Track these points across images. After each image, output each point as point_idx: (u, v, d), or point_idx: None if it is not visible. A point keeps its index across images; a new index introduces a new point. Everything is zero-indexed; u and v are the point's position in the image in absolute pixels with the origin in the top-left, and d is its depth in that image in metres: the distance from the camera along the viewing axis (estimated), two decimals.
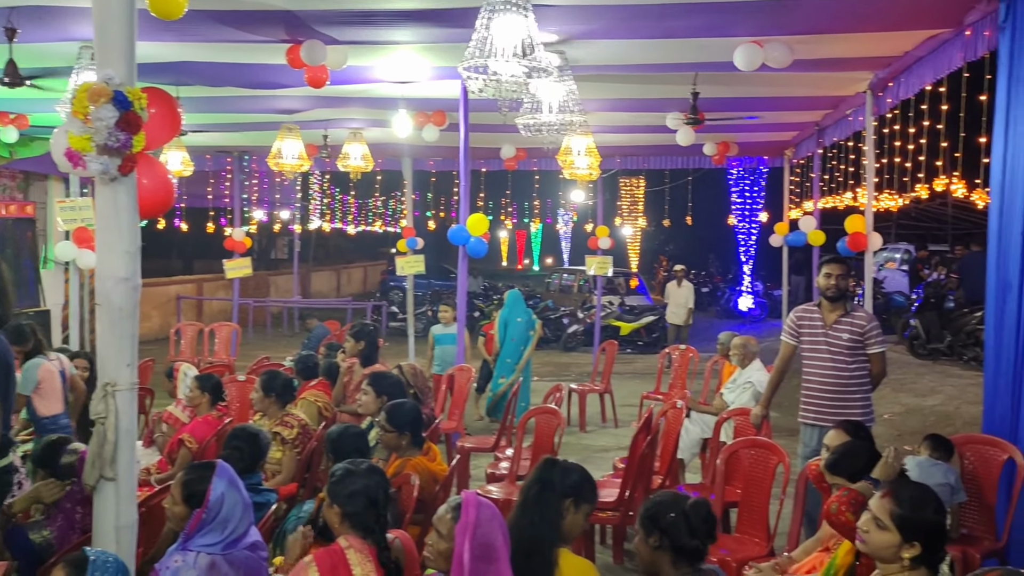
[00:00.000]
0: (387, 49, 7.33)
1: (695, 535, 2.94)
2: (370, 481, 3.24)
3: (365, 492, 3.20)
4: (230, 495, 3.29)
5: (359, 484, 3.24)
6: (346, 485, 3.25)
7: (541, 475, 3.28)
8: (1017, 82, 5.08)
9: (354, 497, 3.21)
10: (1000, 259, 5.16)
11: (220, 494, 3.27)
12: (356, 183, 16.79)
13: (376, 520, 3.19)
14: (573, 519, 3.25)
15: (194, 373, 6.84)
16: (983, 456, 4.88)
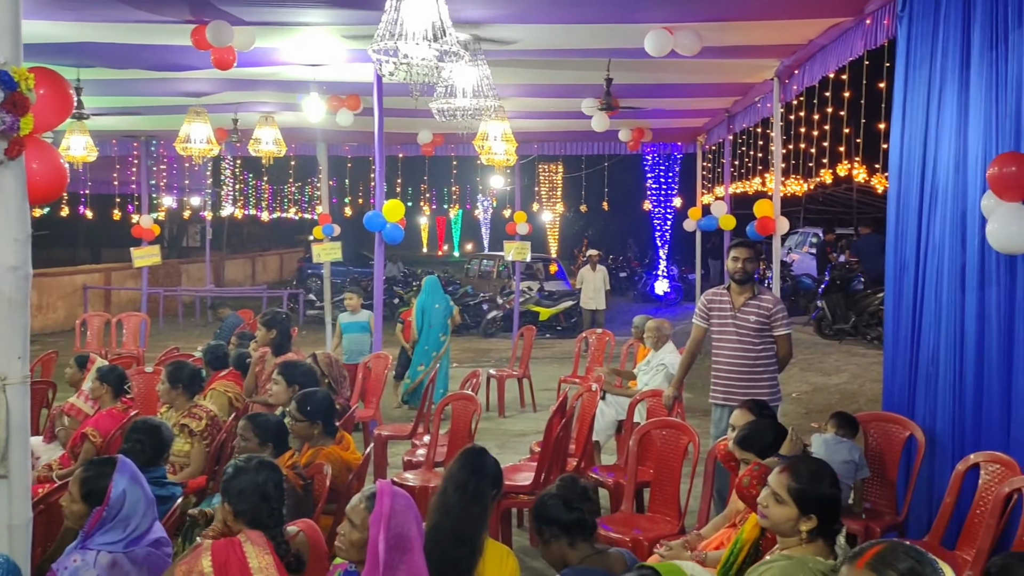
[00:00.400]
0: (297, 30, 7.18)
1: (572, 507, 3.06)
2: (259, 477, 3.17)
3: (255, 489, 3.14)
4: (132, 491, 3.19)
5: (248, 481, 3.17)
6: (235, 482, 3.18)
7: (474, 466, 3.30)
8: (914, 69, 5.26)
9: (243, 494, 3.15)
10: (898, 241, 5.35)
11: (122, 491, 3.16)
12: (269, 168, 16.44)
13: (269, 515, 3.13)
14: (491, 507, 3.32)
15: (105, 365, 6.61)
16: (886, 433, 5.07)
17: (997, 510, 3.89)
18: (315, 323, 17.30)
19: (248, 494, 3.15)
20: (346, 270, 22.08)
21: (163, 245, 14.95)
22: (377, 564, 2.72)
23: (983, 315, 4.45)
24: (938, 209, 4.89)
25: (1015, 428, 4.21)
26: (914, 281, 5.13)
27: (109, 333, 12.15)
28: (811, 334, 13.27)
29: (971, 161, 4.58)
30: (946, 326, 4.77)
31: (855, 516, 4.76)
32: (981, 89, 4.52)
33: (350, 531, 2.92)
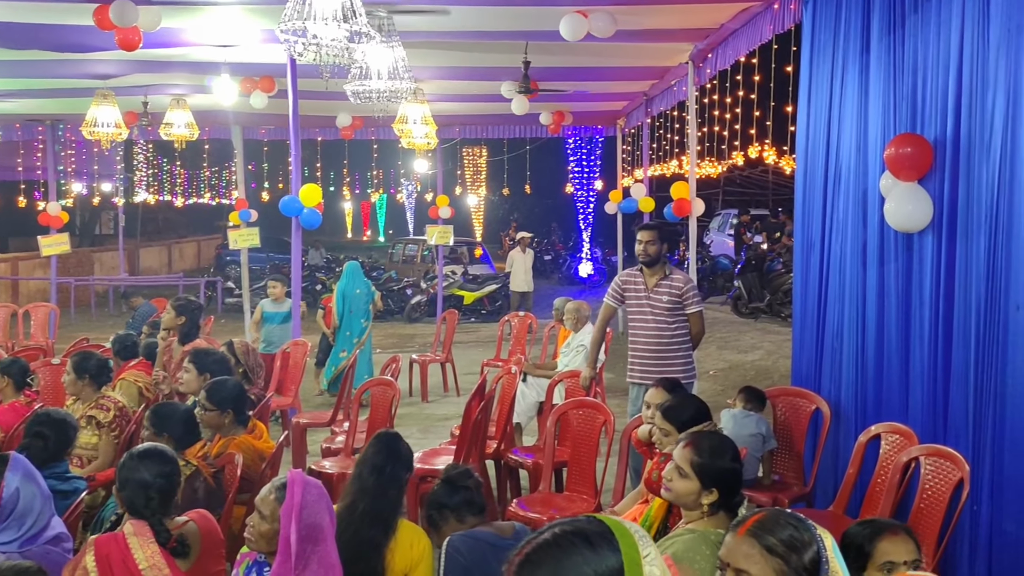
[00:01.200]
0: (206, 10, 6.99)
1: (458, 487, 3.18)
2: (140, 466, 3.13)
3: (136, 479, 3.11)
4: (26, 489, 3.09)
5: (129, 470, 3.14)
6: (120, 472, 3.16)
7: (390, 450, 3.33)
8: (818, 54, 5.40)
9: (128, 484, 3.12)
10: (804, 221, 5.50)
11: (15, 489, 3.06)
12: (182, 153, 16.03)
13: (146, 504, 3.09)
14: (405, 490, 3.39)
15: None
16: (793, 407, 5.22)
17: (896, 479, 4.04)
18: (234, 311, 16.98)
19: (130, 483, 3.12)
20: (266, 256, 21.69)
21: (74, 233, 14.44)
22: (289, 556, 2.68)
23: (883, 292, 4.61)
24: (841, 189, 5.04)
25: (913, 399, 4.38)
26: (820, 259, 5.28)
27: (16, 325, 11.71)
28: (728, 313, 13.59)
29: (871, 142, 4.73)
30: (849, 302, 4.93)
31: (764, 488, 4.89)
32: (880, 72, 4.66)
33: (260, 522, 2.88)
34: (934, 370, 4.18)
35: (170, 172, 24.45)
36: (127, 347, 6.67)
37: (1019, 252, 3.60)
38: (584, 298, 10.08)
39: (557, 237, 29.38)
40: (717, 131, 10.33)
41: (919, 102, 4.32)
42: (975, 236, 3.87)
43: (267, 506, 2.88)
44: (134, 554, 2.93)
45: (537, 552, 1.42)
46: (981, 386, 3.83)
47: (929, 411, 4.23)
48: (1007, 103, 3.67)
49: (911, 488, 4.05)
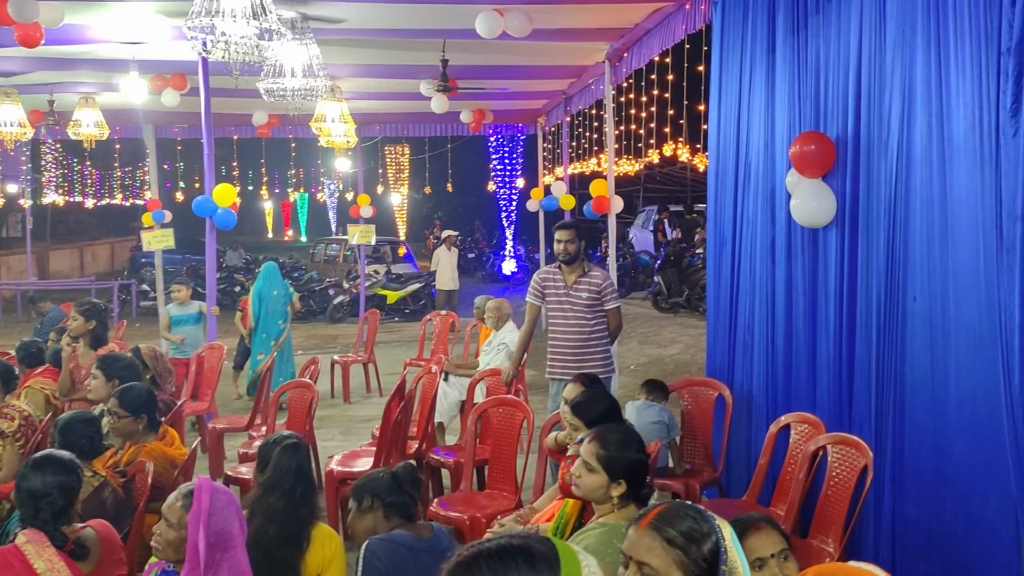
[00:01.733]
0: (111, 6, 6.79)
1: (402, 491, 3.11)
2: (32, 476, 3.08)
3: (26, 488, 3.06)
4: None
5: (22, 479, 3.09)
6: (19, 481, 3.11)
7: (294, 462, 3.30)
8: (728, 53, 5.52)
9: (21, 492, 3.08)
10: (717, 217, 5.62)
11: None
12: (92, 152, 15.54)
13: (35, 515, 3.03)
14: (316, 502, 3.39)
15: None
16: (698, 396, 5.38)
17: (805, 467, 4.16)
18: (150, 315, 16.53)
19: (22, 492, 3.08)
20: (182, 258, 21.15)
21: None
22: (197, 563, 2.63)
23: (791, 285, 4.74)
24: (751, 186, 5.17)
25: (820, 389, 4.52)
26: (731, 254, 5.41)
27: None
28: (649, 308, 13.80)
29: (778, 140, 4.86)
30: (759, 296, 5.06)
31: (677, 476, 5.00)
32: (786, 72, 4.79)
33: (167, 530, 2.83)
34: (839, 361, 4.32)
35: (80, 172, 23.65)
36: (32, 354, 6.44)
37: (915, 246, 3.75)
38: (508, 295, 10.13)
39: (480, 235, 29.42)
40: (634, 129, 10.49)
41: (822, 101, 4.46)
42: (875, 231, 4.01)
43: (174, 513, 2.84)
44: (32, 562, 2.86)
45: (475, 559, 1.40)
46: (882, 376, 3.97)
47: (835, 400, 4.37)
48: (903, 102, 3.81)
49: (820, 475, 4.17)
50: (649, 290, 14.62)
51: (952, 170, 3.48)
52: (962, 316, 3.47)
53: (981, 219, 3.28)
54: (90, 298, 6.55)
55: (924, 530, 3.76)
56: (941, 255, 3.58)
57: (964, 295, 3.44)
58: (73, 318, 5.67)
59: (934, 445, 3.68)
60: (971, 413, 3.45)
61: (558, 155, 13.58)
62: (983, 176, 3.25)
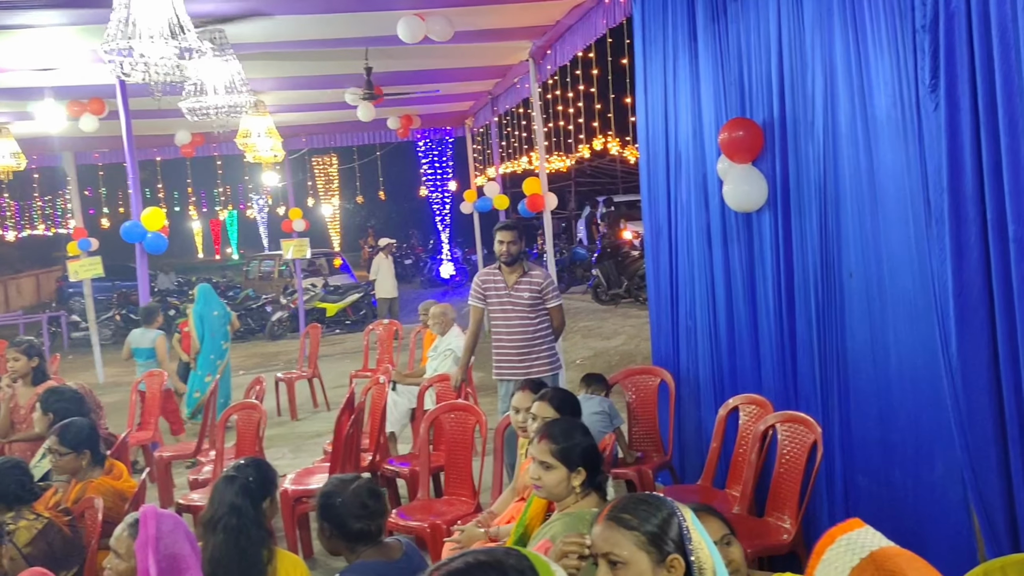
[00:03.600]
0: (20, 32, 6.59)
1: (360, 519, 2.96)
2: None
3: None
4: None
5: None
6: None
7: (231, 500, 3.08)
8: (650, 44, 5.58)
9: None
10: (651, 207, 5.69)
11: None
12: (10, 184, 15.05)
13: None
14: (272, 509, 3.24)
15: None
16: (640, 384, 5.47)
17: (756, 447, 4.24)
18: (82, 345, 16.09)
19: None
20: (112, 285, 20.57)
21: None
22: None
23: (729, 269, 4.82)
24: (683, 174, 5.24)
25: (765, 370, 4.60)
26: (668, 242, 5.48)
27: None
28: (589, 302, 13.89)
29: (706, 127, 4.93)
30: (699, 282, 5.13)
31: (628, 465, 5.05)
32: (709, 60, 4.87)
33: (116, 563, 2.79)
34: (781, 340, 4.41)
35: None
36: None
37: (848, 223, 3.84)
38: (448, 298, 10.11)
39: (416, 240, 29.30)
40: (563, 125, 10.56)
41: (746, 86, 4.54)
42: (807, 211, 4.10)
43: (122, 544, 2.81)
44: None
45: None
46: (824, 352, 4.07)
47: (780, 379, 4.45)
48: (825, 83, 3.90)
49: (771, 454, 4.25)
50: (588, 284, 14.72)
51: (878, 147, 3.58)
52: (897, 288, 3.57)
53: (909, 192, 3.37)
54: (24, 336, 6.32)
55: (876, 497, 3.86)
56: (873, 231, 3.68)
57: (898, 268, 3.54)
58: (15, 358, 5.44)
59: (879, 415, 3.78)
60: (912, 381, 3.55)
61: (488, 156, 13.60)
62: (907, 151, 3.34)
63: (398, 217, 34.09)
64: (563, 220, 23.73)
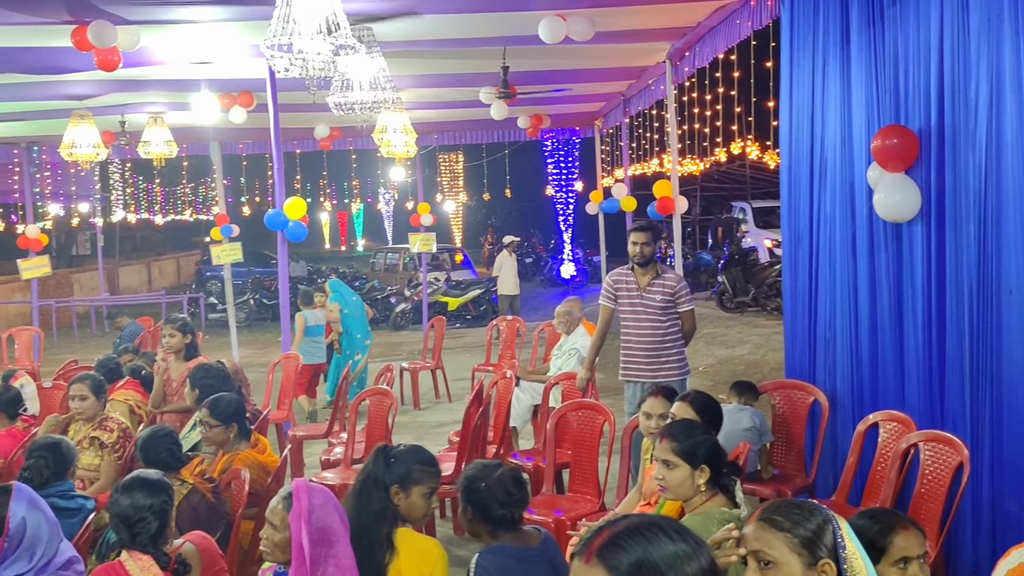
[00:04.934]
0: (183, 27, 6.97)
1: (504, 505, 3.03)
2: (125, 501, 3.17)
3: (121, 515, 3.15)
4: (32, 518, 3.07)
5: (111, 506, 3.21)
6: (111, 507, 3.22)
7: (366, 467, 3.29)
8: (798, 48, 5.46)
9: (113, 519, 3.20)
10: (791, 214, 5.56)
11: (21, 519, 3.04)
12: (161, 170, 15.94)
13: (133, 539, 3.13)
14: (409, 502, 3.24)
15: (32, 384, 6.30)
16: (791, 400, 5.27)
17: (896, 465, 4.10)
18: (217, 326, 16.91)
19: (113, 518, 3.19)
20: (247, 271, 21.57)
21: (51, 255, 14.30)
22: (303, 561, 2.73)
23: (874, 281, 4.67)
24: (828, 182, 5.10)
25: (909, 386, 4.44)
26: (808, 251, 5.34)
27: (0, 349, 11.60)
28: (713, 308, 13.66)
29: (856, 134, 4.79)
30: (840, 293, 4.99)
31: (766, 482, 4.94)
32: (862, 65, 4.73)
33: (272, 533, 2.93)
34: (928, 356, 4.25)
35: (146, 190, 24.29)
36: (111, 369, 6.59)
37: (1008, 238, 3.67)
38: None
39: (537, 239, 29.45)
40: (698, 128, 10.41)
41: (902, 93, 4.39)
42: (964, 223, 3.94)
43: (276, 516, 2.94)
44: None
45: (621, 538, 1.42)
46: (977, 370, 3.89)
47: (926, 397, 4.29)
48: (990, 92, 3.74)
49: (911, 474, 4.11)
50: (713, 290, 14.49)
51: None
52: None
53: None
54: (179, 314, 6.73)
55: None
56: None
57: None
58: (171, 334, 5.82)
59: None
60: None
61: (616, 157, 13.54)
62: None
63: (519, 216, 34.33)
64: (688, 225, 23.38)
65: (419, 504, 3.24)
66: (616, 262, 8.55)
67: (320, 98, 6.70)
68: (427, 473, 3.28)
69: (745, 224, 17.80)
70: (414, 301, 17.28)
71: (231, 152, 13.99)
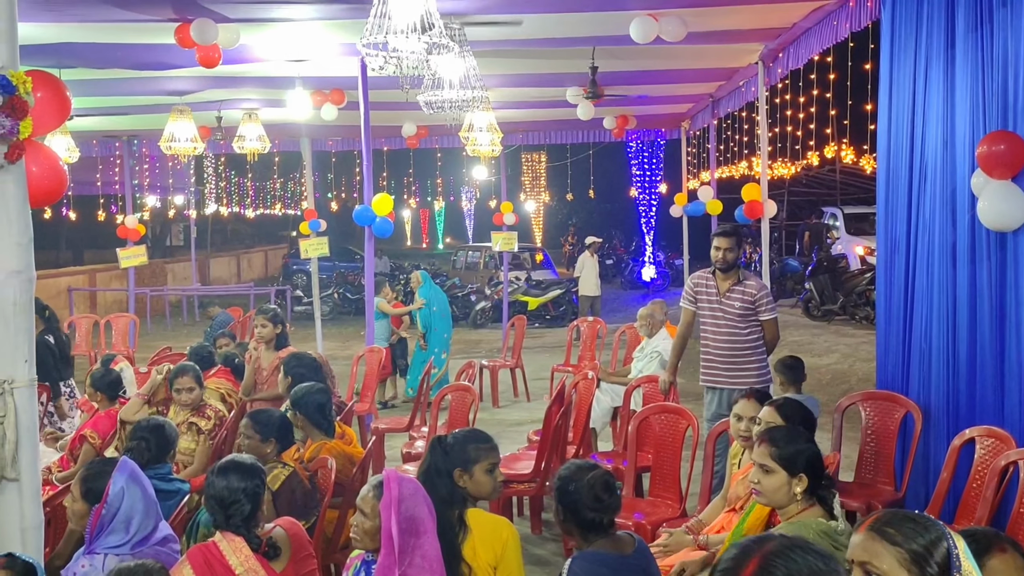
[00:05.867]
0: (282, 25, 7.15)
1: (593, 509, 3.02)
2: (221, 484, 3.25)
3: (216, 496, 3.24)
4: (131, 490, 3.21)
5: (208, 486, 3.29)
6: (207, 488, 3.30)
7: (426, 458, 3.36)
8: (899, 51, 5.30)
9: (208, 500, 3.28)
10: (888, 221, 5.41)
11: (120, 488, 3.18)
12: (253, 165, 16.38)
13: (227, 520, 3.22)
14: (474, 481, 3.31)
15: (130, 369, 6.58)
16: (882, 411, 5.13)
17: (993, 483, 3.95)
18: (303, 319, 17.28)
19: (208, 500, 3.28)
20: (332, 265, 22.02)
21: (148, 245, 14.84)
22: (392, 548, 2.79)
23: (975, 291, 4.51)
24: (928, 188, 4.95)
25: (1009, 401, 4.27)
26: (905, 259, 5.19)
27: (98, 335, 12.10)
28: (799, 316, 13.37)
29: (959, 140, 4.63)
30: (938, 303, 4.82)
31: (856, 493, 4.82)
32: (967, 69, 4.56)
33: (362, 520, 2.99)
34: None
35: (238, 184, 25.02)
36: (204, 357, 6.81)
37: None
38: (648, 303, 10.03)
39: (619, 241, 29.30)
40: (790, 131, 10.20)
41: (1011, 98, 4.22)
42: None
43: (367, 504, 3.00)
44: (228, 559, 3.07)
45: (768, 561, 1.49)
46: None
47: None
48: None
49: (1008, 493, 3.96)
50: (799, 297, 14.17)
51: None
52: None
53: None
54: (269, 305, 6.92)
55: None
56: None
57: None
58: (263, 324, 6.00)
59: None
60: None
61: (703, 159, 13.37)
62: None
63: (601, 217, 34.20)
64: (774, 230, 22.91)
65: (484, 481, 3.31)
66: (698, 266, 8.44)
67: (411, 96, 6.78)
68: (483, 450, 3.36)
69: (836, 230, 17.25)
70: (494, 300, 17.37)
71: (320, 149, 14.29)
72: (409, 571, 2.78)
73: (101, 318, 12.64)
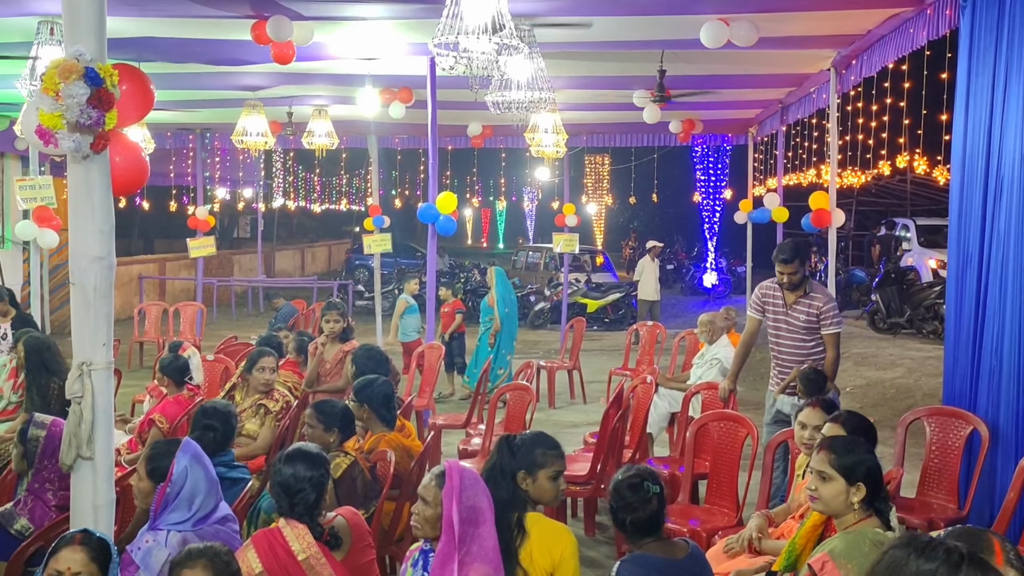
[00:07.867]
0: (354, 24, 7.27)
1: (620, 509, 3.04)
2: (288, 471, 3.34)
3: (282, 484, 3.33)
4: (194, 470, 3.32)
5: (274, 474, 3.38)
6: (274, 475, 3.39)
7: (492, 457, 3.40)
8: (977, 61, 5.17)
9: (275, 487, 3.38)
10: (961, 234, 5.28)
11: (183, 468, 3.29)
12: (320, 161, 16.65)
13: (291, 508, 3.31)
14: (536, 486, 3.32)
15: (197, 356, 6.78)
16: (947, 427, 5.01)
17: None
18: (364, 313, 17.50)
19: (274, 487, 3.37)
20: (394, 261, 22.25)
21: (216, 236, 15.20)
22: (452, 536, 2.86)
23: None
24: (1003, 201, 4.82)
25: None
26: (977, 273, 5.06)
27: (166, 322, 12.42)
28: (864, 328, 13.11)
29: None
30: (1011, 319, 4.70)
31: (918, 511, 4.72)
32: None
33: (423, 509, 3.05)
34: None
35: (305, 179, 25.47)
36: (272, 347, 6.98)
37: None
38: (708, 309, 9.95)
39: (680, 246, 29.05)
40: (861, 139, 9.99)
41: None
42: None
43: (429, 492, 3.06)
44: (291, 545, 3.17)
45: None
46: None
47: None
48: None
49: None
50: (865, 309, 13.87)
51: None
52: None
53: None
54: (336, 300, 7.08)
55: None
56: None
57: None
58: (335, 320, 6.13)
59: None
60: None
61: (770, 166, 13.19)
62: None
63: (663, 221, 33.96)
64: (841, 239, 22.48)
65: (547, 487, 3.33)
66: (762, 273, 8.34)
67: (480, 96, 6.84)
68: (550, 456, 3.37)
69: (907, 242, 16.82)
70: (553, 301, 17.37)
71: (387, 146, 14.47)
72: (467, 559, 2.85)
73: (170, 306, 12.99)
